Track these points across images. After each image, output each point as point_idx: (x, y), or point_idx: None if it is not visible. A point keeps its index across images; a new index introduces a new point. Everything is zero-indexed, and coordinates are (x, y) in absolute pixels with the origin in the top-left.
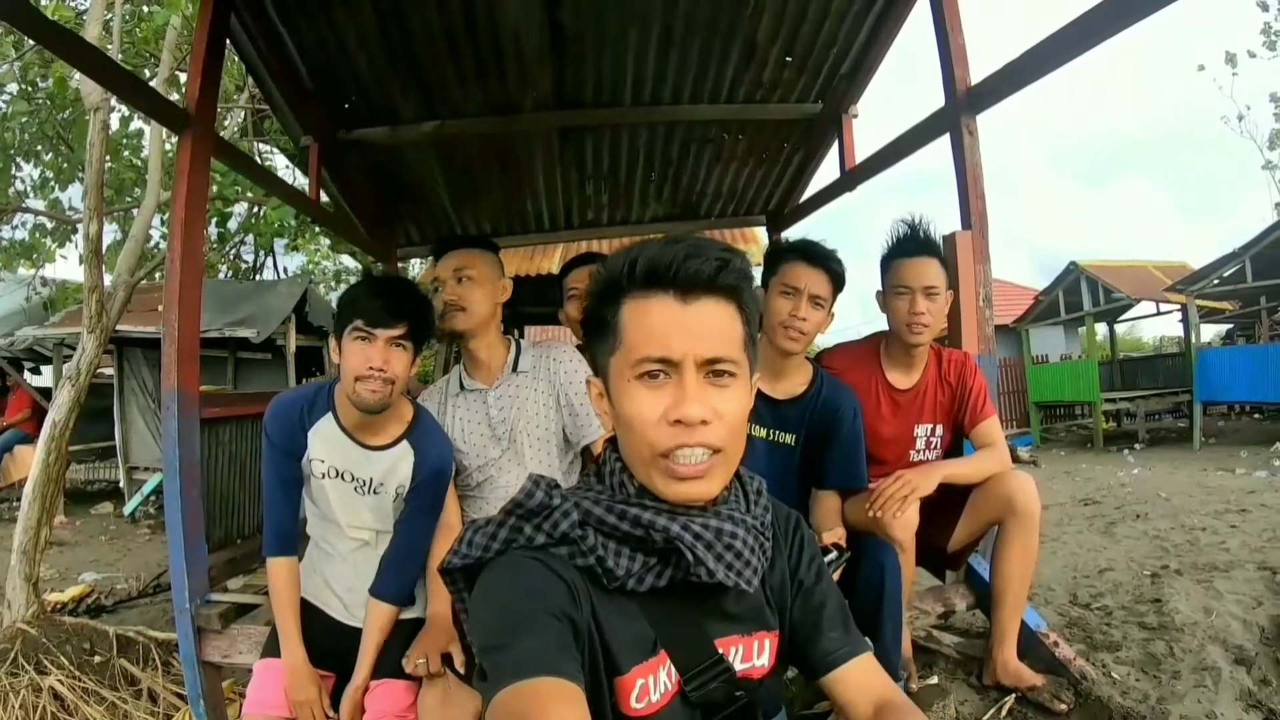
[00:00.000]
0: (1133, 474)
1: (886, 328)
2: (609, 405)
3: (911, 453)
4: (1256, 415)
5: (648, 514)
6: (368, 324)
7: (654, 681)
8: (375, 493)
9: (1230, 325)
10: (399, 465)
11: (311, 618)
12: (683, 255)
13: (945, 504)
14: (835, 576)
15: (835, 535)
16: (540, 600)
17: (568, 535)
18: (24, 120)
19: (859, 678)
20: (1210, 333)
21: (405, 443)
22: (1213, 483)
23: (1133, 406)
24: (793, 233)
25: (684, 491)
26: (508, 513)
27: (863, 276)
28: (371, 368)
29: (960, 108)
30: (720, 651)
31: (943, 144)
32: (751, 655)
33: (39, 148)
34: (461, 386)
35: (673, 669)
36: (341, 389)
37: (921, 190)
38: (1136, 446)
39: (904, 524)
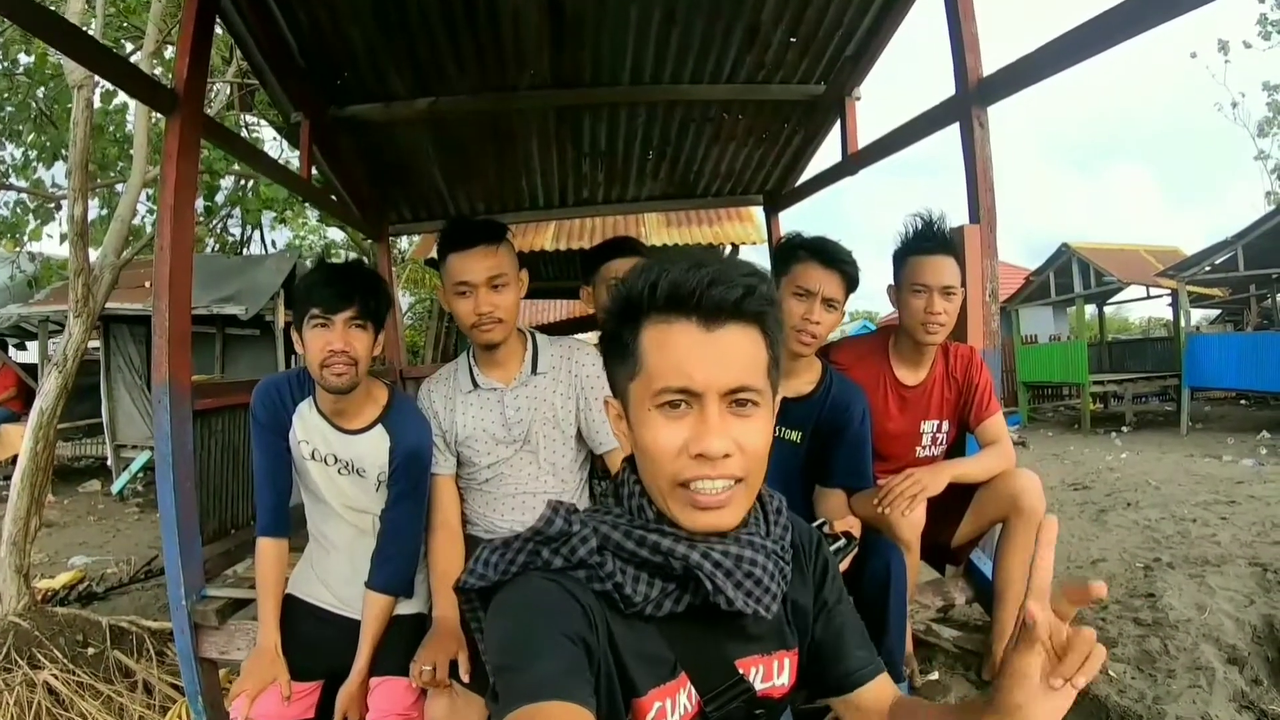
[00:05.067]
0: (1121, 458)
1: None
2: (628, 428)
3: (917, 449)
4: (1243, 402)
5: (667, 541)
6: (324, 310)
7: (671, 704)
8: (360, 474)
9: (1219, 310)
10: (377, 449)
11: (308, 616)
12: (707, 281)
13: (948, 500)
14: (844, 565)
15: (846, 524)
16: (554, 622)
17: (585, 561)
18: (4, 96)
19: (880, 692)
20: (1198, 316)
21: (380, 426)
22: (1201, 470)
23: (1120, 389)
24: (790, 214)
25: (704, 521)
26: (526, 539)
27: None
28: (332, 350)
29: (971, 98)
30: (741, 672)
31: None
32: (772, 675)
33: (19, 127)
34: (475, 384)
35: (693, 691)
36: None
37: (913, 174)
38: (1124, 429)
39: (911, 524)
